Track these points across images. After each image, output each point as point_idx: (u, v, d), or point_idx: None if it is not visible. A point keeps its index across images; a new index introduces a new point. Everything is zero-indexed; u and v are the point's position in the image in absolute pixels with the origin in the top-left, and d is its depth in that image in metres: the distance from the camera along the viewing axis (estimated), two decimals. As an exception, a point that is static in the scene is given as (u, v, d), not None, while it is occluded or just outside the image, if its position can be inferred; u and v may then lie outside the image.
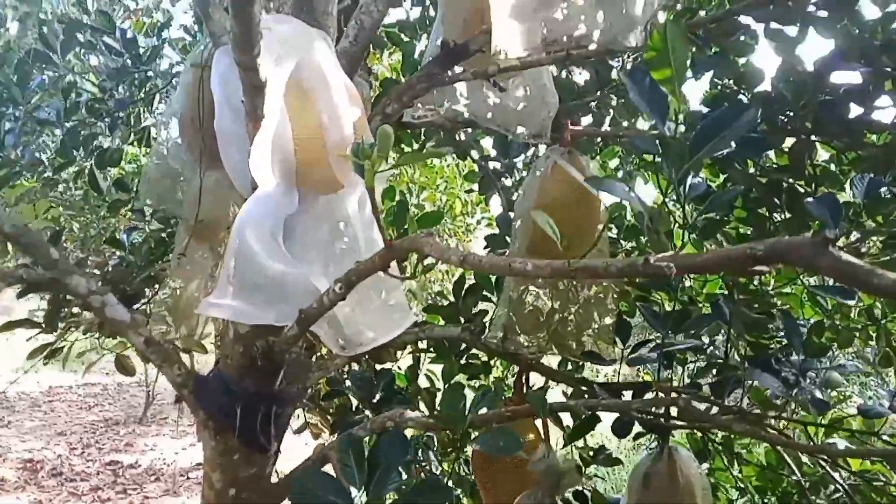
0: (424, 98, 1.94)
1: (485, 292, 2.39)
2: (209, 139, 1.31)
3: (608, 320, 2.28)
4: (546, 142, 2.10)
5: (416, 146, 3.14)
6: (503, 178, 2.95)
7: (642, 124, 2.65)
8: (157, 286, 2.59)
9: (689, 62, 2.35)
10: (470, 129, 2.57)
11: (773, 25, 2.03)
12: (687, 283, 3.30)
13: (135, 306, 2.70)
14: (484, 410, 1.32)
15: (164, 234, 2.80)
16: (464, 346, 2.48)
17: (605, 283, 2.13)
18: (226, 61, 1.17)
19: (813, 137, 2.02)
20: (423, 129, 2.57)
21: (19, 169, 2.41)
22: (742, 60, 2.22)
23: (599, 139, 2.71)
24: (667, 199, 1.69)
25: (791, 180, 2.12)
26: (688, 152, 0.89)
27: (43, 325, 2.32)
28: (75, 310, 2.53)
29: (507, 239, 2.44)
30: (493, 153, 2.81)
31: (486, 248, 2.88)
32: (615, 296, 2.26)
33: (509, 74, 1.34)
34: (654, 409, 1.69)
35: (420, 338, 2.12)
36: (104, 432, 7.48)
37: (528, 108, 2.05)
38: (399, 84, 1.67)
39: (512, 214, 2.42)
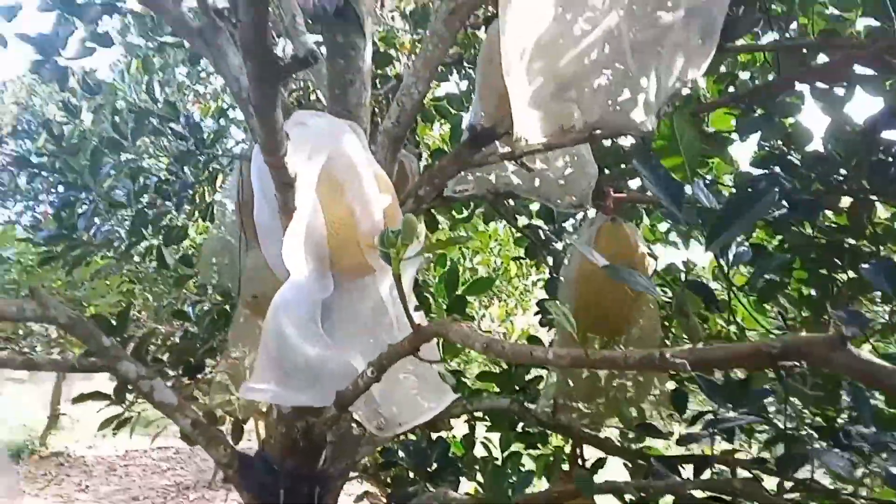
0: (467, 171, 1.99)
1: (539, 356, 2.35)
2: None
3: (670, 385, 2.20)
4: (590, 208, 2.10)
5: (465, 213, 3.21)
6: (552, 243, 2.94)
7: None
8: (218, 357, 2.68)
9: (734, 123, 2.33)
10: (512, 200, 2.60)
11: (820, 85, 2.00)
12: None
13: (198, 375, 2.81)
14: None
15: (226, 307, 2.91)
16: (517, 415, 2.43)
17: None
18: (262, 157, 1.24)
19: (871, 196, 1.95)
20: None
21: (92, 249, 2.59)
22: (790, 120, 2.17)
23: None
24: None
25: (852, 241, 2.04)
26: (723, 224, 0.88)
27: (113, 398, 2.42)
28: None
29: (559, 305, 2.41)
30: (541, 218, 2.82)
31: (536, 313, 2.86)
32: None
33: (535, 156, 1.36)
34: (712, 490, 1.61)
35: (468, 410, 2.10)
36: (175, 497, 7.63)
37: (569, 177, 2.06)
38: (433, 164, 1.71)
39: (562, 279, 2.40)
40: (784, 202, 2.03)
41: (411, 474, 2.50)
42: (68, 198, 2.56)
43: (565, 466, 2.26)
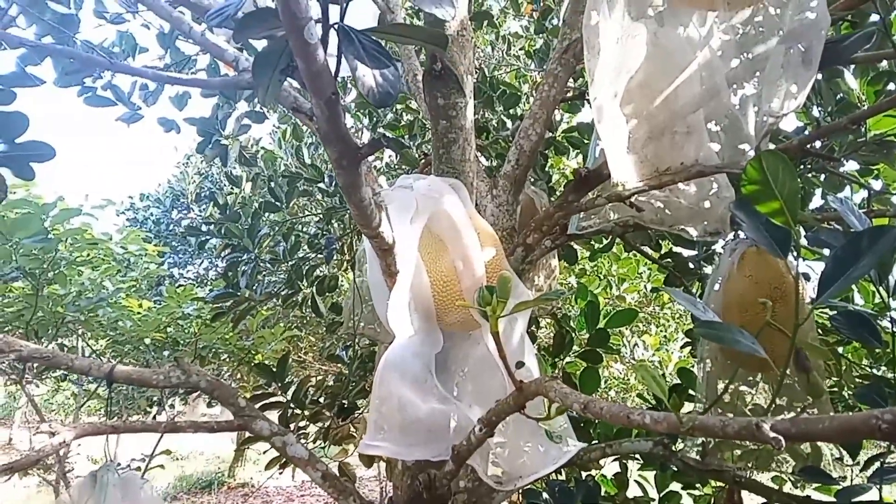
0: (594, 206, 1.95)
1: (692, 391, 2.20)
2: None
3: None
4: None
5: (604, 242, 3.12)
6: (701, 268, 2.77)
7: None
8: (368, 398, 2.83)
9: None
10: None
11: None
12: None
13: (350, 417, 2.98)
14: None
15: (374, 349, 3.06)
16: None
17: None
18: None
19: None
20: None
21: (254, 304, 2.87)
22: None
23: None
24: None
25: None
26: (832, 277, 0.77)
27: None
28: (302, 423, 2.86)
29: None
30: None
31: (683, 346, 2.69)
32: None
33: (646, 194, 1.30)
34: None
35: (607, 454, 2.01)
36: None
37: (703, 203, 1.94)
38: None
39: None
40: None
41: (559, 515, 2.44)
42: (233, 259, 2.86)
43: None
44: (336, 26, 0.81)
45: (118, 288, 3.50)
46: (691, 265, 2.66)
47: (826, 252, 2.56)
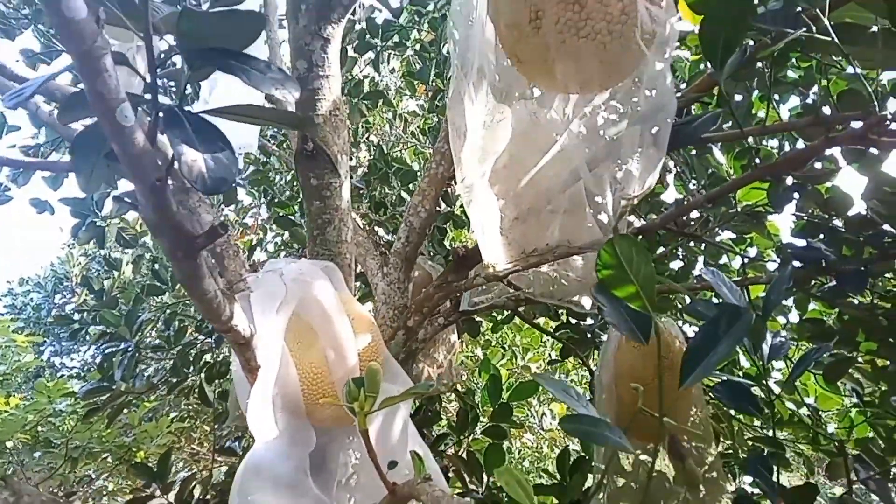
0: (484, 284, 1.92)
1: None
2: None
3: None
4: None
5: (507, 314, 3.10)
6: (598, 335, 2.79)
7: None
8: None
9: (766, 198, 2.18)
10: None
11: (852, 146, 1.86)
12: (831, 428, 2.83)
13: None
14: None
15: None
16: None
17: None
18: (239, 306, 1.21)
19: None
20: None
21: (132, 398, 2.63)
22: (826, 185, 2.03)
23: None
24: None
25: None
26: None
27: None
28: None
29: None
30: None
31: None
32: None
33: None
34: None
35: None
36: None
37: (592, 275, 1.96)
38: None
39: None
40: (830, 275, 1.86)
41: None
42: (108, 349, 2.63)
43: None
44: (161, 109, 0.74)
45: (-21, 385, 3.13)
46: (588, 334, 2.68)
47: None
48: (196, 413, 3.74)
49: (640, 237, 1.51)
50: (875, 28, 1.25)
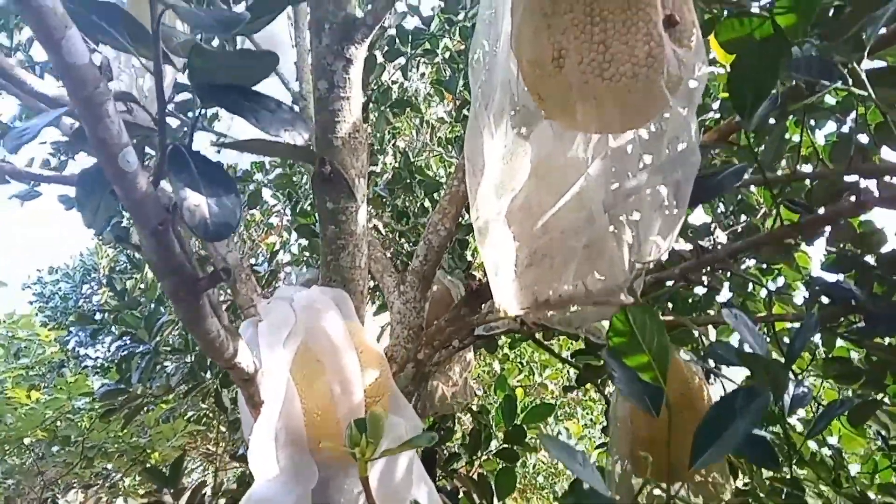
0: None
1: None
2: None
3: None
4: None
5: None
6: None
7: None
8: None
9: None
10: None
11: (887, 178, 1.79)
12: (854, 471, 2.74)
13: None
14: None
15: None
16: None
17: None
18: (247, 332, 1.20)
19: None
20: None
21: (149, 400, 2.64)
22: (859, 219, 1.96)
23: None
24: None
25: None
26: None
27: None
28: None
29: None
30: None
31: (598, 445, 2.63)
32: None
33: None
34: None
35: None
36: None
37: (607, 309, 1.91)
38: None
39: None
40: (860, 313, 1.79)
41: None
42: (127, 350, 2.65)
43: None
44: (168, 148, 0.72)
45: (2, 378, 3.19)
46: (602, 361, 2.62)
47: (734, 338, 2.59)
48: (213, 413, 3.76)
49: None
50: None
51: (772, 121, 1.63)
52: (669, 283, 1.72)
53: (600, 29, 0.86)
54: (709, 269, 2.19)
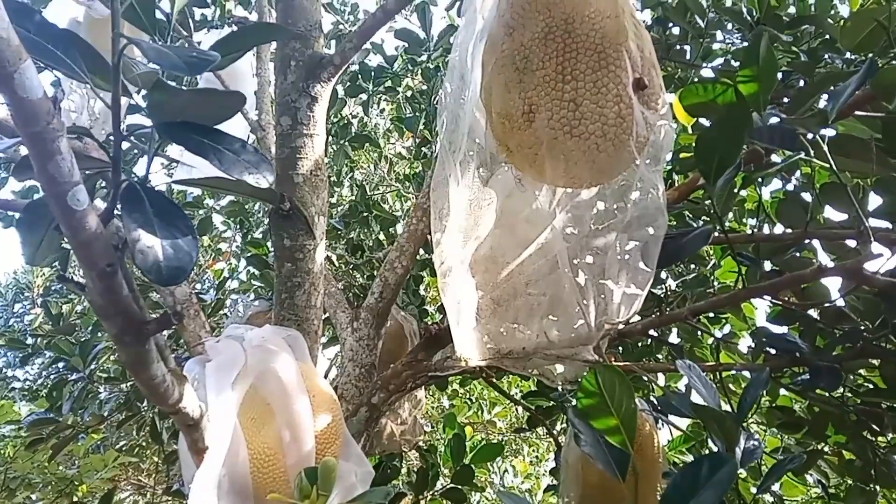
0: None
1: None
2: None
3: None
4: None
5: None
6: (565, 405, 2.73)
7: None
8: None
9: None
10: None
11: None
12: None
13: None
14: None
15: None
16: None
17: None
18: (193, 371, 1.14)
19: (900, 357, 1.75)
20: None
21: (79, 431, 2.50)
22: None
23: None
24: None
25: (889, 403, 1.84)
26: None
27: None
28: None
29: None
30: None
31: (551, 470, 2.61)
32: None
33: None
34: None
35: None
36: None
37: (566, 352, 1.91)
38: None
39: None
40: (803, 366, 1.84)
41: None
42: (59, 378, 2.51)
43: None
44: (123, 184, 0.68)
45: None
46: (553, 403, 2.62)
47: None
48: (147, 444, 3.58)
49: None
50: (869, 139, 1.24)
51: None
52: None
53: (571, 87, 0.87)
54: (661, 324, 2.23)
